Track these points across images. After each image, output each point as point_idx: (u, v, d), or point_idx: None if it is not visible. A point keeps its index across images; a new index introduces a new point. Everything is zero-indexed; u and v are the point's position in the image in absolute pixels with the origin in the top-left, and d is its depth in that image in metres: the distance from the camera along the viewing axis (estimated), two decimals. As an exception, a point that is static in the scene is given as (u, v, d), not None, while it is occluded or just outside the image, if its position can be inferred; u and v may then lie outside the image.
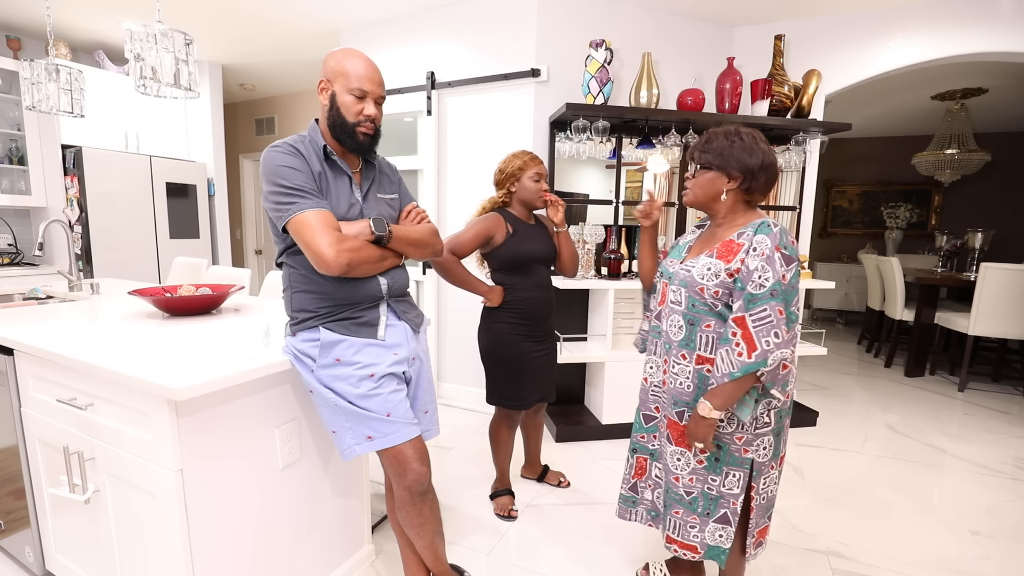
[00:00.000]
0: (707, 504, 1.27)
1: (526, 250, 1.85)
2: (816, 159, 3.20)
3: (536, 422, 2.18)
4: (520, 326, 1.87)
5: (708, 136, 1.25)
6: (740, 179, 1.21)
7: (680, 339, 1.26)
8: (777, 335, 1.10)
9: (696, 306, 1.22)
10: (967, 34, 2.89)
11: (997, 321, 3.55)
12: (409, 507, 1.32)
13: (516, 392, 1.91)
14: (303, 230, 1.14)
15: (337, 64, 1.21)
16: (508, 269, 1.87)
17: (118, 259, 3.68)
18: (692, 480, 1.27)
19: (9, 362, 1.44)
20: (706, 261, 1.21)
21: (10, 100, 3.45)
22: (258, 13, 3.27)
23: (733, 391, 1.15)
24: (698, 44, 3.19)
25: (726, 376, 1.13)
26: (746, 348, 1.11)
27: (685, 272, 1.24)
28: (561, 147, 2.86)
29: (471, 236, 1.82)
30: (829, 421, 3.10)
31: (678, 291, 1.26)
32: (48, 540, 1.52)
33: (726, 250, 1.19)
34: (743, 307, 1.12)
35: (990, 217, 5.94)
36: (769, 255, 1.11)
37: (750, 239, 1.16)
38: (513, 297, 1.87)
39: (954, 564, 1.79)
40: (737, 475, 1.25)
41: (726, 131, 1.23)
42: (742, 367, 1.11)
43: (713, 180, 1.23)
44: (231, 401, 1.21)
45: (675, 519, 1.32)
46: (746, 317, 1.11)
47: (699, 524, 1.29)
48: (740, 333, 1.12)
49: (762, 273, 1.11)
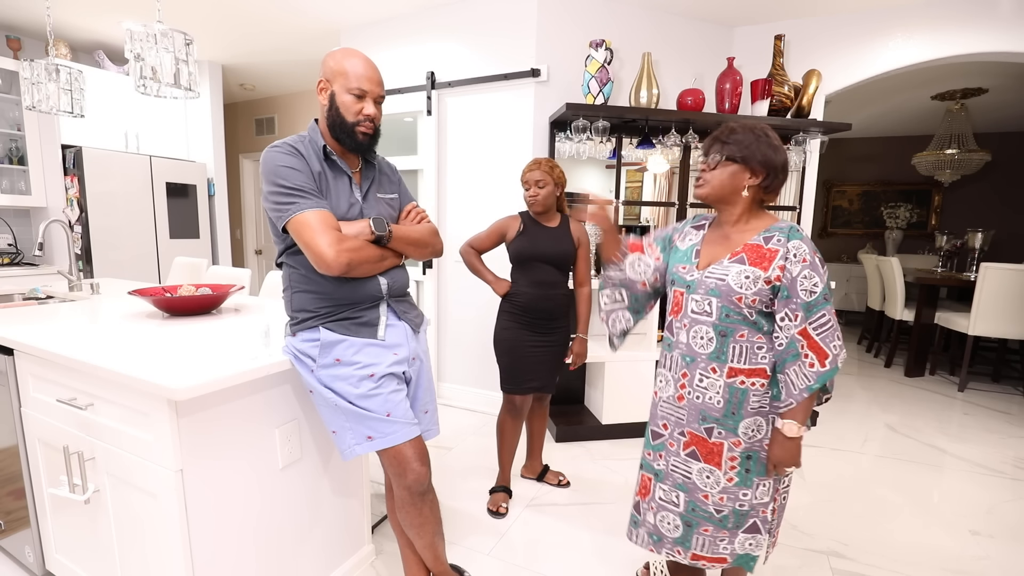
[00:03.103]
0: (737, 519, 1.22)
1: (529, 249, 1.99)
2: (816, 159, 3.20)
3: (540, 411, 2.23)
4: (519, 316, 2.01)
5: (730, 129, 1.18)
6: (763, 175, 1.15)
7: (710, 352, 1.18)
8: (839, 337, 1.09)
9: (731, 316, 1.15)
10: (967, 34, 2.89)
11: (997, 321, 3.55)
12: (409, 507, 1.32)
13: (512, 376, 2.04)
14: (303, 230, 1.14)
15: (336, 64, 1.21)
16: (515, 264, 2.04)
17: (118, 259, 3.68)
18: (723, 499, 1.21)
19: (9, 362, 1.44)
20: (740, 268, 1.13)
21: (10, 100, 3.45)
22: (258, 13, 3.27)
23: (808, 404, 1.12)
24: (698, 44, 3.19)
25: (805, 391, 1.10)
26: (816, 358, 1.08)
27: (716, 280, 1.16)
28: (561, 147, 2.86)
29: (487, 232, 2.07)
30: (829, 421, 3.10)
31: (705, 300, 1.18)
32: (48, 540, 1.52)
33: (758, 256, 1.13)
34: (804, 318, 1.08)
35: (990, 217, 5.94)
36: (811, 261, 1.09)
37: (784, 245, 1.11)
38: (515, 290, 2.03)
39: (954, 564, 1.78)
40: (766, 484, 1.21)
41: (751, 126, 1.17)
42: (819, 377, 1.08)
43: (736, 174, 1.16)
44: (231, 401, 1.21)
45: (703, 536, 1.24)
46: (808, 328, 1.08)
47: (728, 537, 1.24)
48: (806, 343, 1.08)
49: (809, 279, 1.08)
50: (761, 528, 1.23)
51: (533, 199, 1.97)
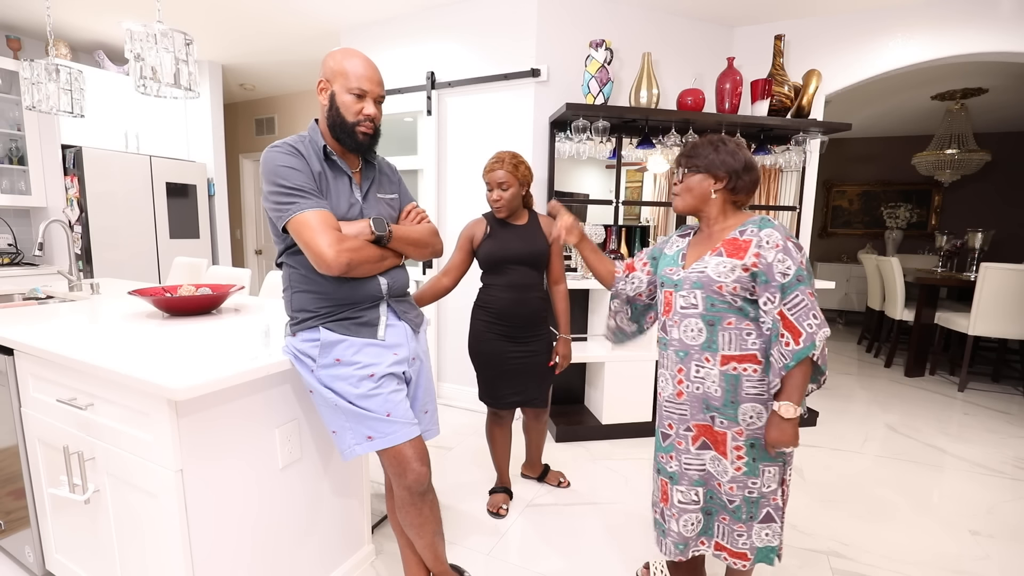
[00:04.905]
0: (749, 508, 1.26)
1: (500, 251, 1.86)
2: (816, 159, 3.20)
3: (536, 428, 2.15)
4: (495, 325, 1.89)
5: (692, 145, 1.30)
6: (726, 179, 1.25)
7: (701, 342, 1.25)
8: (815, 316, 1.13)
9: (716, 305, 1.22)
10: (967, 34, 2.89)
11: (997, 321, 3.55)
12: (409, 507, 1.32)
13: (491, 390, 1.94)
14: (303, 230, 1.14)
15: (336, 64, 1.21)
16: (486, 269, 1.91)
17: (118, 259, 3.68)
18: (733, 488, 1.26)
19: (9, 362, 1.44)
20: (720, 260, 1.21)
21: (10, 100, 3.45)
22: (258, 13, 3.27)
23: (799, 383, 1.15)
24: (698, 44, 3.19)
25: (782, 370, 1.15)
26: (791, 337, 1.13)
27: (698, 274, 1.24)
28: (561, 147, 2.85)
29: (456, 249, 1.93)
30: (829, 421, 3.10)
31: (691, 294, 1.26)
32: (48, 540, 1.52)
33: (734, 248, 1.21)
34: (780, 299, 1.15)
35: (990, 217, 5.94)
36: (783, 245, 1.16)
37: (756, 234, 1.19)
38: (489, 296, 1.90)
39: (954, 564, 1.79)
40: (772, 471, 1.25)
41: (709, 139, 1.28)
42: (794, 355, 1.13)
43: (701, 182, 1.27)
44: (231, 401, 1.21)
45: (723, 525, 1.30)
46: (783, 309, 1.15)
47: (746, 531, 1.28)
48: (782, 324, 1.14)
49: (782, 262, 1.15)
50: (775, 516, 1.27)
51: (497, 204, 1.82)
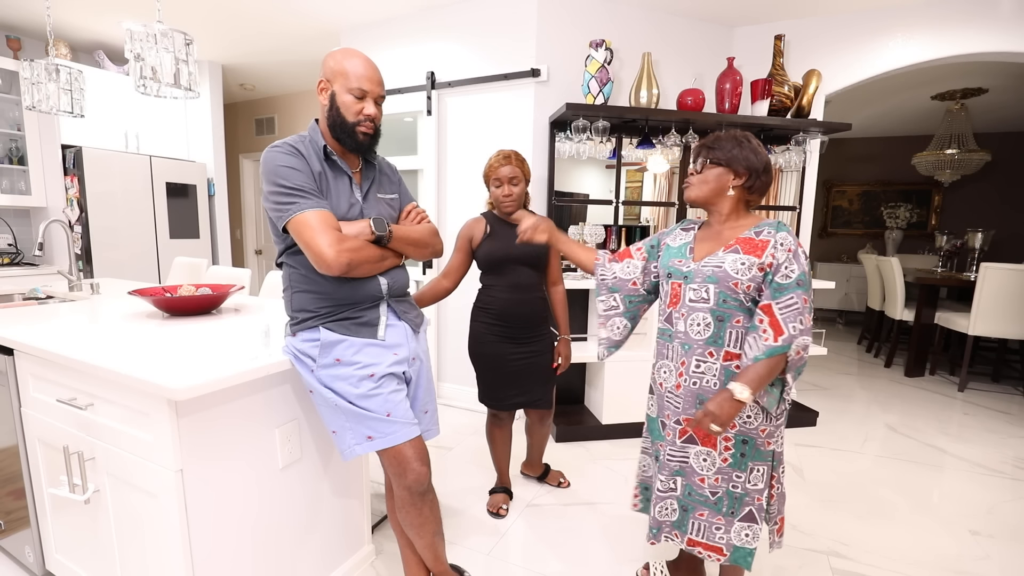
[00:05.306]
0: (731, 503, 1.27)
1: (501, 251, 1.84)
2: (816, 159, 3.20)
3: (540, 430, 2.12)
4: (495, 326, 1.88)
5: (715, 136, 1.29)
6: (746, 176, 1.25)
7: (707, 337, 1.26)
8: (802, 322, 1.15)
9: (727, 302, 1.23)
10: (967, 34, 2.89)
11: (997, 321, 3.55)
12: (409, 507, 1.32)
13: (492, 391, 1.93)
14: (303, 230, 1.14)
15: (336, 64, 1.21)
16: (485, 270, 1.89)
17: (118, 259, 3.68)
18: (717, 480, 1.27)
19: (9, 362, 1.44)
20: (736, 256, 1.22)
21: (10, 100, 3.45)
22: (258, 13, 3.27)
23: (763, 376, 1.16)
24: (698, 44, 3.19)
25: (751, 360, 1.17)
26: (772, 333, 1.15)
27: (714, 268, 1.24)
28: (561, 147, 2.85)
29: (455, 250, 1.92)
30: (829, 421, 3.10)
31: (703, 288, 1.26)
32: (48, 540, 1.51)
33: (751, 247, 1.22)
34: (770, 296, 1.17)
35: (990, 217, 5.94)
36: (795, 250, 1.18)
37: (773, 236, 1.20)
38: (489, 297, 1.89)
39: (954, 564, 1.79)
40: (761, 470, 1.26)
41: (733, 134, 1.28)
42: (767, 350, 1.15)
43: (720, 176, 1.26)
44: (231, 401, 1.21)
45: (699, 521, 1.31)
46: (773, 305, 1.17)
47: (724, 525, 1.28)
48: (767, 320, 1.16)
49: (788, 266, 1.17)
50: (757, 517, 1.27)
51: (509, 198, 1.81)
